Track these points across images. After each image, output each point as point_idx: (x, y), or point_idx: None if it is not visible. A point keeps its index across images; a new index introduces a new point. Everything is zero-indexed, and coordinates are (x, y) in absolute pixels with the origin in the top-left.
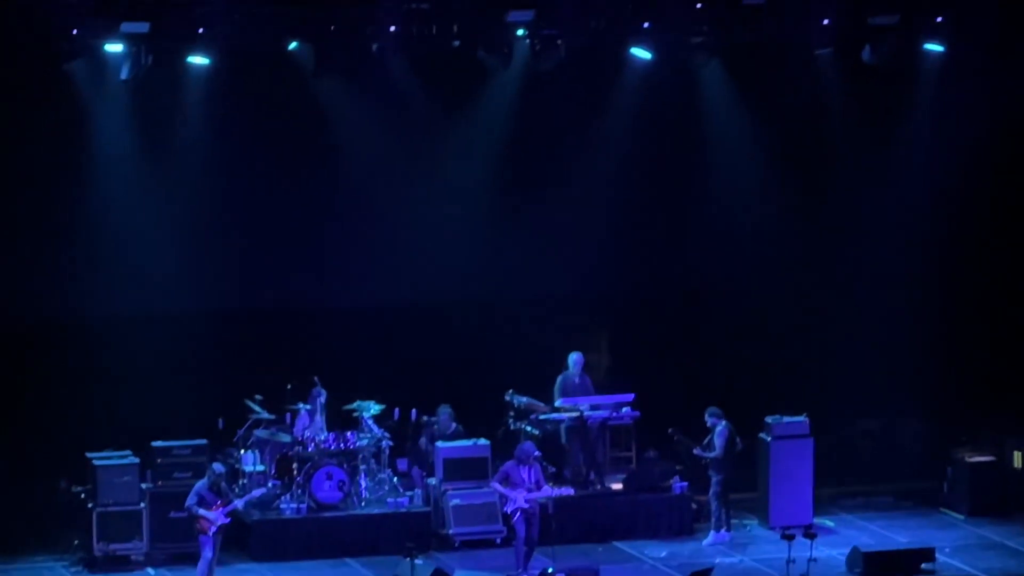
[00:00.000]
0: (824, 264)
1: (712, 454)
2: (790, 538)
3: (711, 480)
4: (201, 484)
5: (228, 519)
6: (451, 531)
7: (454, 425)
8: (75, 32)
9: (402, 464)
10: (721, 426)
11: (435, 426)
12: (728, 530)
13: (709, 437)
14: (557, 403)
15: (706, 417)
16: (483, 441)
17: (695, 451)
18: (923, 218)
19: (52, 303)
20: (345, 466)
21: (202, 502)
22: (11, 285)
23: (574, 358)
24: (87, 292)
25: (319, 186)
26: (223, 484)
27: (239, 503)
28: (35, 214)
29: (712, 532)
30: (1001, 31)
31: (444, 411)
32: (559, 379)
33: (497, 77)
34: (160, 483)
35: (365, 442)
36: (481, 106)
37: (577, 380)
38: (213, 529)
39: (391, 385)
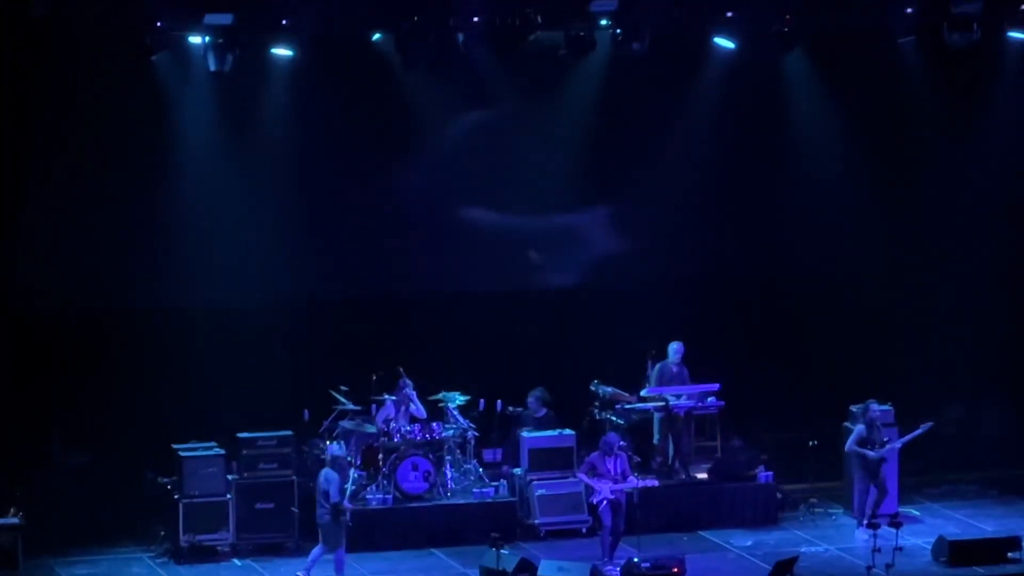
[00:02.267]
0: (908, 251)
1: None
2: (876, 527)
3: (879, 478)
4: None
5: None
6: (537, 521)
7: (544, 410)
8: (159, 24)
9: (488, 455)
10: None
11: (525, 411)
12: None
13: (880, 433)
14: (643, 392)
15: (878, 410)
16: (568, 431)
17: (882, 451)
18: (1007, 205)
19: (136, 294)
20: (431, 456)
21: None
22: (97, 275)
23: (674, 347)
24: (170, 283)
25: (403, 175)
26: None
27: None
28: (122, 204)
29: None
30: None
31: (533, 395)
32: (657, 367)
33: (580, 67)
34: (246, 474)
35: (451, 432)
36: (564, 95)
37: (675, 369)
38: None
39: (476, 376)
